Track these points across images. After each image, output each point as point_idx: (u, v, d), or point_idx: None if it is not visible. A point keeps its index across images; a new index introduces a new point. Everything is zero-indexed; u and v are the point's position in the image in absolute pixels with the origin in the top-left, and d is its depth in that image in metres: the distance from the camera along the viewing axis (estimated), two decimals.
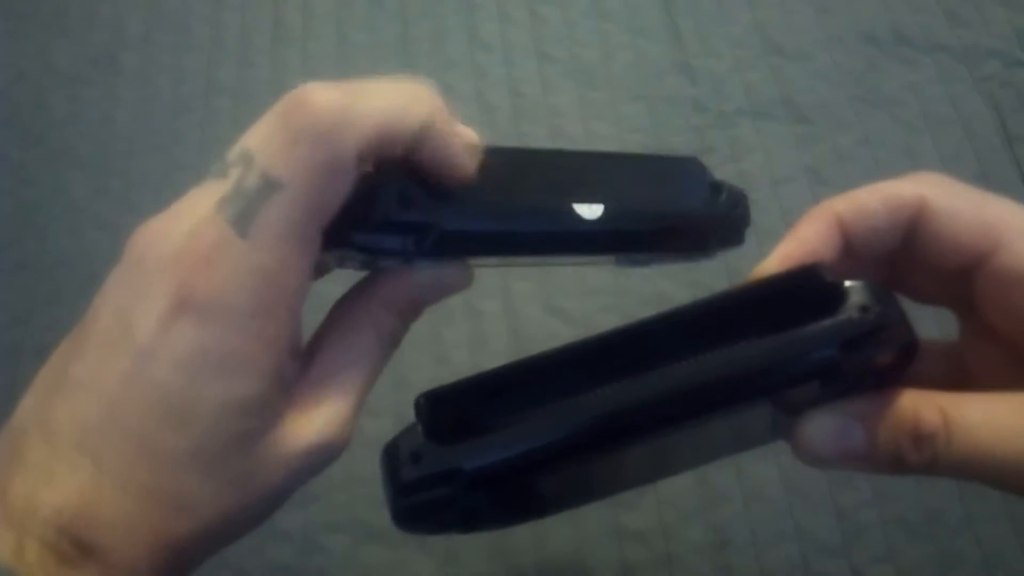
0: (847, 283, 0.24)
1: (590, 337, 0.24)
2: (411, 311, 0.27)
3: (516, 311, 0.60)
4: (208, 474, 0.22)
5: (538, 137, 0.66)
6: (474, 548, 0.53)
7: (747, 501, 0.54)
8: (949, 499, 0.53)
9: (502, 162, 0.26)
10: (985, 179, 0.64)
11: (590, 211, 0.26)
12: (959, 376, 0.29)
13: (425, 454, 0.23)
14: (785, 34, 0.71)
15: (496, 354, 0.58)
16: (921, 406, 0.24)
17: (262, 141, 0.22)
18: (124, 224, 0.24)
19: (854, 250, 0.27)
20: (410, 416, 0.26)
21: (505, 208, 0.25)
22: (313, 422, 0.24)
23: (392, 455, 0.24)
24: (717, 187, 0.28)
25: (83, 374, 0.21)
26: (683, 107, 0.68)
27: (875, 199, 0.27)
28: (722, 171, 0.66)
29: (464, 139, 0.25)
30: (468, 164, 0.25)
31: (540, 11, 0.72)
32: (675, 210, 0.28)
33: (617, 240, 0.27)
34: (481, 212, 0.25)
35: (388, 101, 0.23)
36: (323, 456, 0.24)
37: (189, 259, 0.21)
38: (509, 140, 0.66)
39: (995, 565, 0.52)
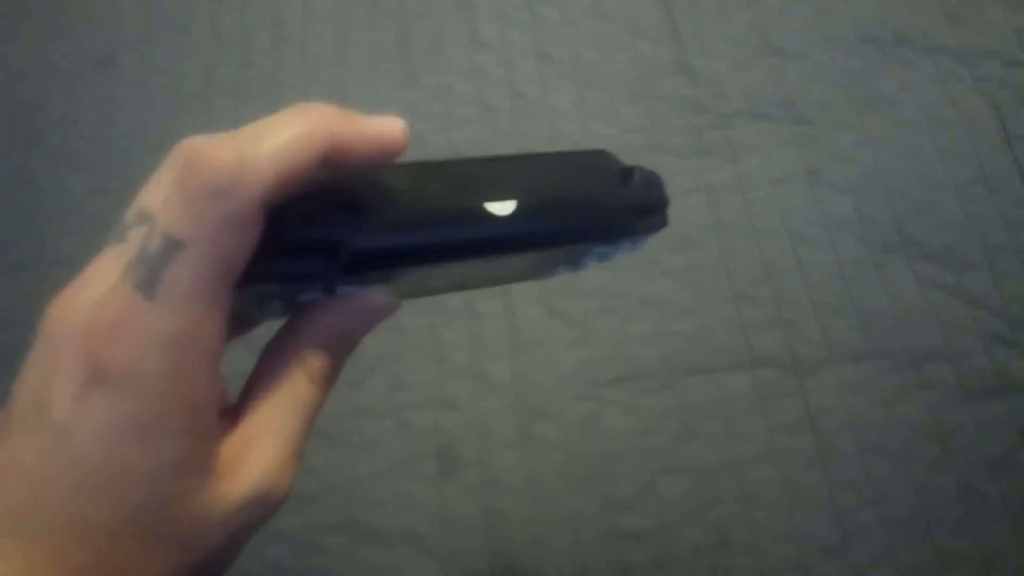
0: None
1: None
2: (341, 344, 0.26)
3: (515, 312, 0.60)
4: (143, 542, 0.21)
5: (538, 137, 0.66)
6: (474, 549, 0.53)
7: (746, 502, 0.54)
8: (948, 500, 0.54)
9: (406, 176, 0.26)
10: (985, 179, 0.64)
11: (502, 207, 0.26)
12: None
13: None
14: (784, 35, 0.71)
15: (496, 354, 0.58)
16: None
17: (161, 203, 0.22)
18: None
19: None
20: (412, 419, 0.26)
21: (415, 213, 0.25)
22: (247, 475, 0.23)
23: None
24: (628, 172, 0.29)
25: (6, 458, 0.21)
26: (682, 108, 0.68)
27: None
28: (722, 171, 0.67)
29: (370, 120, 0.24)
30: (395, 135, 0.24)
31: (539, 11, 0.72)
32: (588, 197, 0.28)
33: (535, 235, 0.27)
34: (390, 220, 0.24)
35: (282, 141, 0.22)
36: (262, 507, 0.23)
37: (97, 330, 0.21)
38: (509, 140, 0.66)
39: (994, 566, 0.52)
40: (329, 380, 0.25)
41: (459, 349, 0.59)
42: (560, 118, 0.67)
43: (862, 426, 0.56)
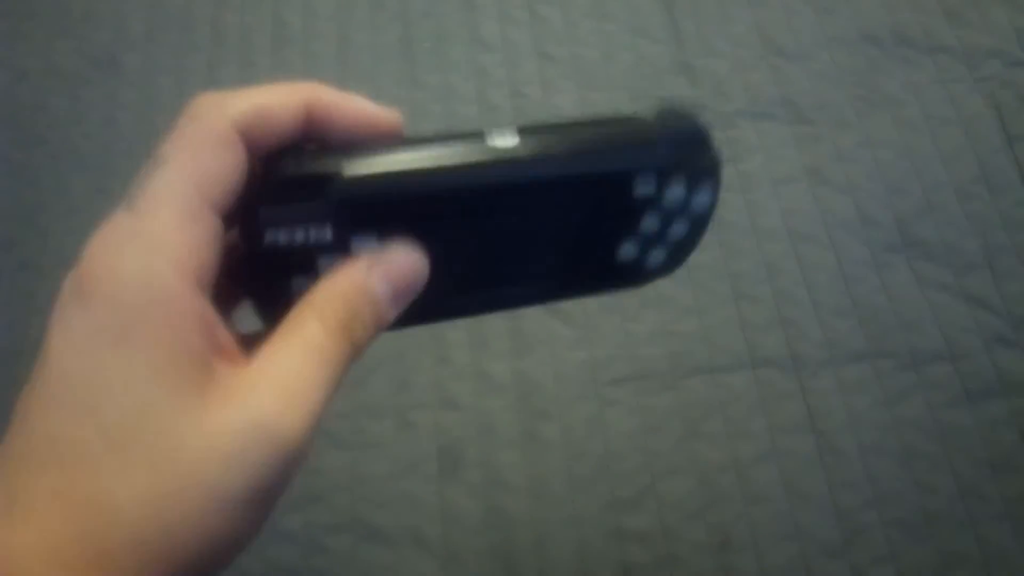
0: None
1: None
2: (363, 302, 0.25)
3: (517, 312, 0.60)
4: (127, 463, 0.20)
5: None
6: (477, 549, 0.53)
7: (748, 502, 0.54)
8: (949, 500, 0.54)
9: (407, 138, 0.26)
10: (986, 179, 0.64)
11: (505, 139, 0.24)
12: None
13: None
14: (786, 35, 0.71)
15: (499, 354, 0.58)
16: None
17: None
18: None
19: None
20: (414, 419, 0.26)
21: (414, 146, 0.25)
22: (245, 401, 0.22)
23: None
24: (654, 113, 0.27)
25: (19, 407, 0.21)
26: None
27: None
28: (722, 172, 0.66)
29: (364, 101, 0.26)
30: (386, 112, 0.25)
31: (541, 11, 0.72)
32: (604, 122, 0.26)
33: (547, 162, 0.25)
34: (386, 152, 0.24)
35: (266, 89, 0.25)
36: (261, 440, 0.21)
37: (88, 253, 0.22)
38: None
39: (995, 566, 0.52)
40: (347, 331, 0.25)
41: (461, 349, 0.59)
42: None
43: (863, 426, 0.56)
